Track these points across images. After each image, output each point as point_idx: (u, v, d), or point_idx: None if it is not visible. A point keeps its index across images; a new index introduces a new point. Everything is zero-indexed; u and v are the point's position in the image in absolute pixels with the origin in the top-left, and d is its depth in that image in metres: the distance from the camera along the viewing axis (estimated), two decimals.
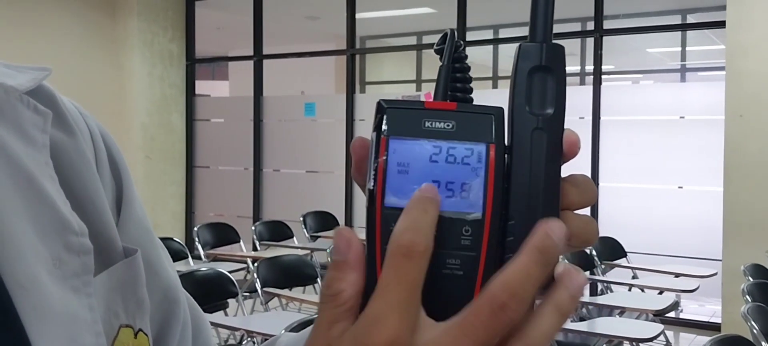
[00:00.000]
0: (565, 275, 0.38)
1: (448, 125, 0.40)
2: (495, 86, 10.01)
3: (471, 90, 0.45)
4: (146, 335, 0.53)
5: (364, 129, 7.18)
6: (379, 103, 0.41)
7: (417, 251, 0.37)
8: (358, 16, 7.39)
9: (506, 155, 0.41)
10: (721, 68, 5.43)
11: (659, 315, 4.26)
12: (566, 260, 0.41)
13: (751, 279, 3.98)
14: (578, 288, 0.38)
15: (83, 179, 0.51)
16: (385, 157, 0.40)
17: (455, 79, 0.44)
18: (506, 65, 11.54)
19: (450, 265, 0.39)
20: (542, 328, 0.37)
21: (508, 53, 10.96)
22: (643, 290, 4.80)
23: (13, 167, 0.45)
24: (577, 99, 6.22)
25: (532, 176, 0.40)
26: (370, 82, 10.75)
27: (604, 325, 3.88)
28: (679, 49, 10.16)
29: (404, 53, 10.84)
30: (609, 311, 4.25)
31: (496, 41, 9.58)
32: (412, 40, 10.16)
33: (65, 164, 0.50)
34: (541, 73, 0.41)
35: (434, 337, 0.37)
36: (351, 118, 7.23)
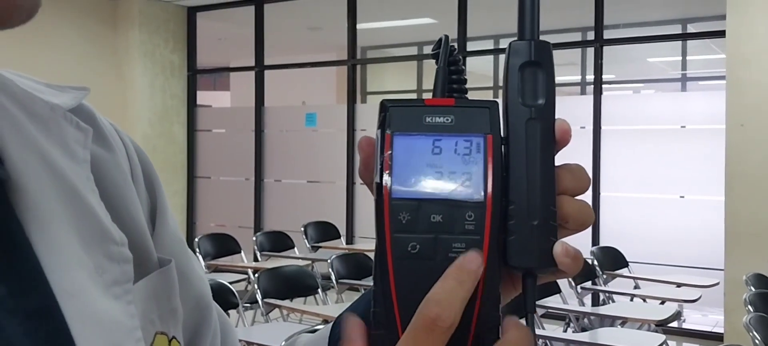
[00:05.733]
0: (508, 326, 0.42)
1: (447, 119, 0.43)
2: (495, 95, 10.02)
3: (466, 89, 0.47)
4: (179, 342, 0.55)
5: None
6: (382, 103, 0.44)
7: (441, 327, 0.39)
8: (359, 26, 7.40)
9: (503, 145, 0.44)
10: (722, 77, 5.43)
11: (661, 325, 4.24)
12: (565, 242, 0.44)
13: (753, 289, 3.96)
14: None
15: (121, 192, 0.54)
16: (390, 152, 0.42)
17: (452, 79, 0.47)
18: None
19: (456, 248, 0.41)
20: None
21: None
22: (644, 300, 4.79)
23: (58, 180, 0.48)
24: (578, 109, 6.22)
25: (529, 162, 0.43)
26: (371, 93, 10.76)
27: (606, 335, 3.87)
28: (680, 58, 10.17)
29: (405, 63, 10.85)
30: (611, 321, 4.23)
31: (496, 51, 9.59)
32: (413, 50, 10.18)
33: (105, 178, 0.53)
34: (532, 68, 0.44)
35: None
36: (352, 128, 7.23)
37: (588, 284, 5.00)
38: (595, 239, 5.95)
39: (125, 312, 0.48)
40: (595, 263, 5.09)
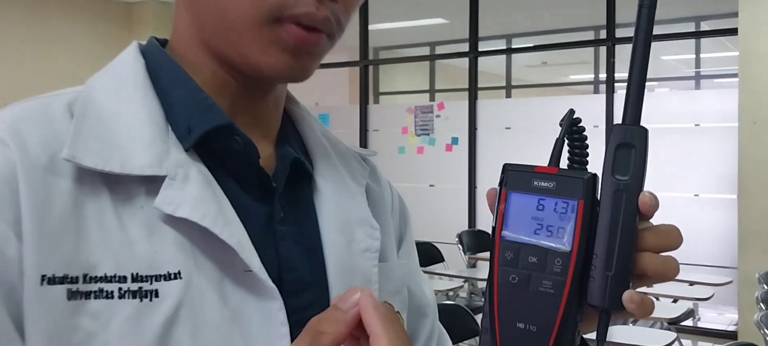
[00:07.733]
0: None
1: (551, 184, 0.55)
2: (508, 96, 10.01)
3: (587, 160, 0.58)
4: (402, 318, 0.75)
5: (378, 139, 7.22)
6: (504, 166, 0.57)
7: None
8: (371, 27, 7.43)
9: (598, 207, 0.54)
10: (736, 75, 5.42)
11: (674, 323, 4.24)
12: (633, 291, 0.54)
13: (765, 287, 3.95)
14: None
15: (382, 213, 0.78)
16: (504, 205, 0.55)
17: (575, 149, 0.58)
18: (518, 74, 11.52)
19: (545, 285, 0.54)
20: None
21: (520, 63, 10.96)
22: (657, 299, 4.78)
23: (342, 183, 0.74)
24: (591, 107, 6.22)
25: (611, 225, 0.53)
26: (383, 93, 10.77)
27: (618, 333, 3.87)
28: (694, 56, 10.13)
29: (418, 64, 10.87)
30: (623, 319, 4.24)
31: (508, 51, 9.58)
32: (426, 51, 10.18)
33: (372, 201, 0.77)
34: (625, 149, 0.54)
35: None
36: (365, 129, 7.26)
37: None
38: None
39: (368, 266, 0.71)
40: None
